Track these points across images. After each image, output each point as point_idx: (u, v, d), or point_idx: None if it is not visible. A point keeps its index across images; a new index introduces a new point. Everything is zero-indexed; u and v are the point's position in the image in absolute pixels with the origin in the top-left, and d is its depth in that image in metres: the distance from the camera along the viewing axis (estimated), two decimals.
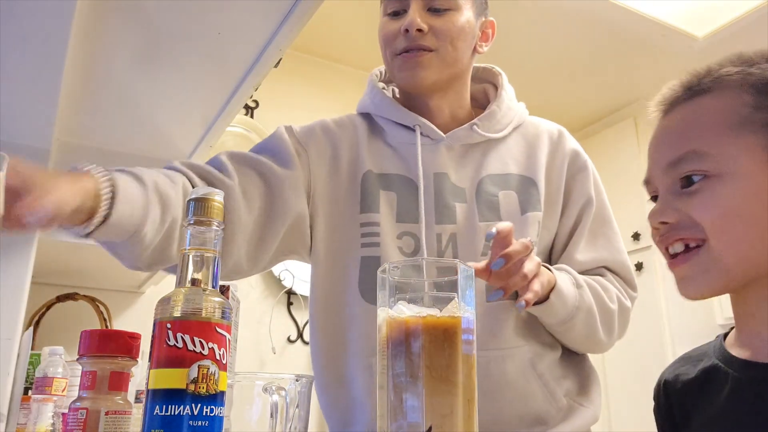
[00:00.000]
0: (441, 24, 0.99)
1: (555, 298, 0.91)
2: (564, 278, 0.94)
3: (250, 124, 2.64)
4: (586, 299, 0.96)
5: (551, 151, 1.06)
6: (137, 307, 2.22)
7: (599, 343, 1.01)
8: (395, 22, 1.01)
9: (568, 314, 0.94)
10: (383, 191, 1.02)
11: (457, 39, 1.00)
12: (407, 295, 0.54)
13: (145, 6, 1.09)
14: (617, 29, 2.54)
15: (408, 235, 0.99)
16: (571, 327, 0.96)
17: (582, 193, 1.05)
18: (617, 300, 1.01)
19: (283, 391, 0.53)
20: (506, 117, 1.07)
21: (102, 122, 1.52)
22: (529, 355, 0.96)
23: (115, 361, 0.67)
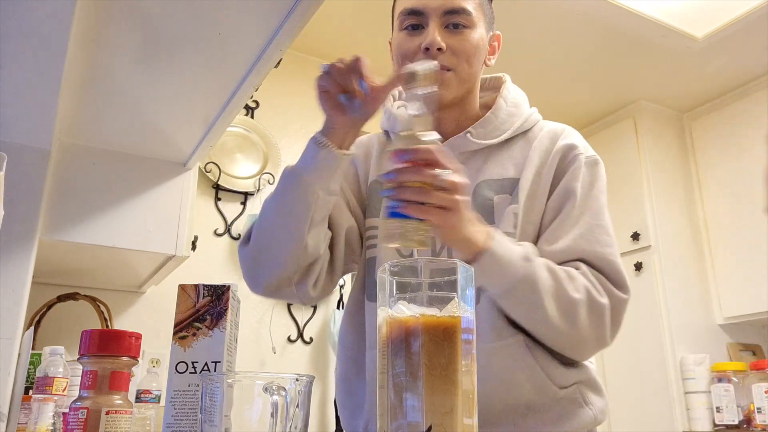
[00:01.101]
0: (458, 43, 1.00)
1: (487, 259, 0.87)
2: (509, 246, 0.90)
3: (250, 124, 2.65)
4: (530, 273, 0.89)
5: (547, 149, 1.05)
6: (138, 306, 2.22)
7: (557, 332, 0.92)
8: (413, 38, 1.02)
9: (508, 284, 0.88)
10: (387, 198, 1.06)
11: (473, 57, 1.02)
12: (407, 295, 0.54)
13: (146, 6, 1.09)
14: (617, 29, 2.54)
15: None
16: (513, 301, 0.91)
17: (564, 186, 1.02)
18: (585, 292, 0.92)
19: (283, 391, 0.53)
20: (505, 123, 1.07)
21: (102, 122, 1.52)
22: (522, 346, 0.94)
23: (115, 361, 0.67)
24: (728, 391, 2.63)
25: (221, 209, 2.51)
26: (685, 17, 2.54)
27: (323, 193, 0.95)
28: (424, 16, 1.02)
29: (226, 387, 0.54)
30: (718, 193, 2.99)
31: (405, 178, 0.79)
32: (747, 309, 2.79)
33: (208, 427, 0.54)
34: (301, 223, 0.95)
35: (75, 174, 1.59)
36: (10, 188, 1.33)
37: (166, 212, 1.68)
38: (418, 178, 0.79)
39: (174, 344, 0.70)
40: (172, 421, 0.67)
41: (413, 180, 0.79)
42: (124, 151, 1.66)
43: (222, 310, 0.71)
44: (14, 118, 1.34)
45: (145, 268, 1.91)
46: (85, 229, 1.57)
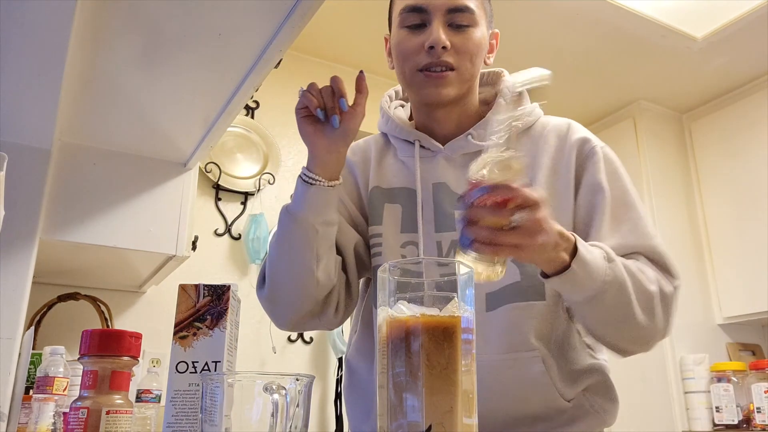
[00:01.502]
0: (461, 42, 0.99)
1: (578, 267, 0.82)
2: (591, 249, 0.86)
3: (250, 124, 2.65)
4: (618, 274, 0.87)
5: (558, 147, 1.03)
6: (138, 306, 2.22)
7: (639, 329, 0.90)
8: (416, 36, 1.01)
9: (597, 288, 0.84)
10: (388, 204, 1.05)
11: (476, 56, 1.01)
12: (407, 295, 0.54)
13: (146, 6, 1.09)
14: (617, 29, 2.54)
15: (412, 244, 1.01)
16: (603, 305, 0.87)
17: (590, 181, 0.99)
18: (657, 282, 0.92)
19: (283, 391, 0.53)
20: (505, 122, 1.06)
21: (102, 122, 1.52)
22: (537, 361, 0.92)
23: (116, 361, 0.67)
24: (728, 391, 2.63)
25: (221, 209, 2.52)
26: (685, 17, 2.54)
27: (323, 227, 0.94)
28: (428, 13, 1.00)
29: (227, 387, 0.55)
30: (718, 193, 2.99)
31: (478, 215, 0.75)
32: (746, 309, 2.79)
33: (208, 427, 0.54)
34: (307, 261, 0.94)
35: (75, 174, 1.59)
36: (10, 188, 1.33)
37: (166, 212, 1.69)
38: (492, 220, 0.75)
39: (174, 344, 0.70)
40: (173, 420, 0.67)
41: (486, 219, 0.75)
42: (124, 151, 1.66)
43: (222, 310, 0.71)
44: (14, 118, 1.34)
45: (145, 268, 1.91)
46: (85, 229, 1.57)
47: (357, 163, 1.13)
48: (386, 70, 1.21)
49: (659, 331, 0.93)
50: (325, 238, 0.95)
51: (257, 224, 2.47)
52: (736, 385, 2.64)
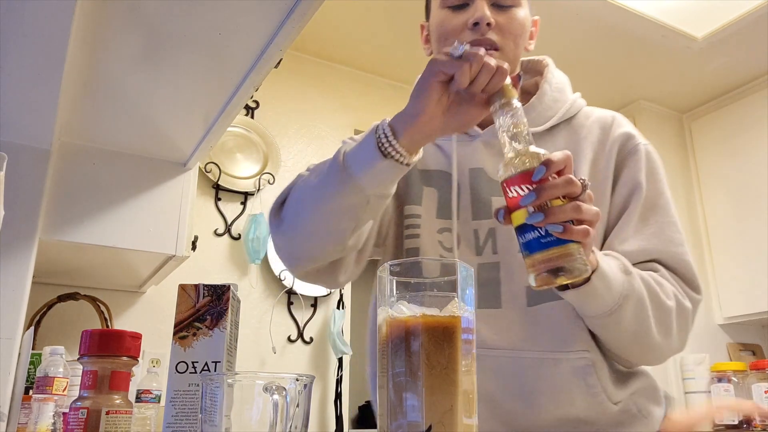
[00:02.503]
0: (506, 21, 0.95)
1: (598, 281, 0.77)
2: (609, 261, 0.82)
3: (250, 124, 2.65)
4: (636, 288, 0.82)
5: (601, 140, 0.98)
6: (138, 306, 2.22)
7: (654, 345, 0.86)
8: (458, 15, 0.96)
9: (614, 303, 0.80)
10: (425, 186, 1.01)
11: (519, 37, 0.97)
12: (407, 295, 0.54)
13: (146, 6, 1.09)
14: (617, 29, 2.54)
15: (448, 231, 0.97)
16: (618, 321, 0.82)
17: (629, 178, 0.95)
18: (674, 297, 0.87)
19: (283, 391, 0.53)
20: (550, 109, 1.01)
21: (102, 122, 1.52)
22: (585, 362, 0.87)
23: (115, 361, 0.67)
24: (728, 391, 2.63)
25: (221, 209, 2.51)
26: (685, 17, 2.54)
27: (376, 200, 0.84)
28: None
29: (226, 387, 0.54)
30: (718, 193, 2.99)
31: (554, 192, 0.68)
32: (746, 309, 2.79)
33: (208, 427, 0.54)
34: (343, 226, 0.86)
35: (75, 174, 1.59)
36: (10, 188, 1.33)
37: (166, 212, 1.69)
38: (569, 189, 0.68)
39: (174, 344, 0.70)
40: (172, 421, 0.67)
41: (559, 193, 0.68)
42: (124, 151, 1.66)
43: (222, 310, 0.71)
44: (14, 118, 1.34)
45: (145, 268, 1.91)
46: (85, 229, 1.57)
47: None
48: (387, 70, 1.21)
49: (673, 349, 0.89)
50: (373, 209, 0.86)
51: (257, 224, 2.47)
52: (737, 385, 2.64)
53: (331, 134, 2.88)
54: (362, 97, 2.96)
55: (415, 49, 3.06)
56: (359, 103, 2.95)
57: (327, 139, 2.86)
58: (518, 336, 0.89)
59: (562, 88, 1.04)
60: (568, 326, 0.88)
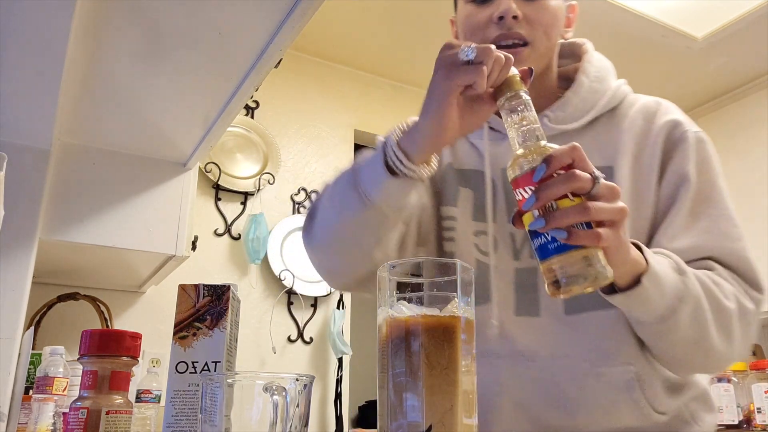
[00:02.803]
0: (534, 12, 0.89)
1: (649, 283, 0.70)
2: (660, 260, 0.74)
3: (250, 124, 2.65)
4: (692, 289, 0.74)
5: (644, 129, 0.91)
6: (138, 306, 2.22)
7: (714, 352, 0.78)
8: (483, 9, 0.90)
9: (668, 307, 0.73)
10: (462, 187, 0.96)
11: (551, 28, 0.90)
12: (407, 295, 0.54)
13: (146, 6, 1.09)
14: (617, 29, 2.54)
15: (484, 234, 0.93)
16: (674, 327, 0.74)
17: (676, 169, 0.87)
18: (734, 298, 0.79)
19: (283, 391, 0.53)
20: (587, 102, 0.93)
21: (102, 122, 1.52)
22: (629, 376, 0.82)
23: (115, 361, 0.67)
24: (728, 391, 2.63)
25: (221, 209, 2.51)
26: (685, 17, 2.54)
27: (395, 213, 0.79)
28: None
29: (226, 387, 0.54)
30: None
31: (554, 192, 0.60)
32: None
33: (208, 427, 0.54)
34: (366, 242, 0.82)
35: (75, 174, 1.59)
36: (10, 188, 1.33)
37: (166, 212, 1.69)
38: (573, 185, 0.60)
39: (174, 344, 0.70)
40: (172, 421, 0.67)
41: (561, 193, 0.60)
42: (124, 151, 1.66)
43: (222, 310, 0.71)
44: (14, 118, 1.34)
45: (145, 268, 1.91)
46: (85, 229, 1.57)
47: None
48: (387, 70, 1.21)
49: (735, 354, 0.81)
50: (393, 222, 0.81)
51: (257, 224, 2.47)
52: (737, 385, 2.64)
53: (331, 134, 2.88)
54: (362, 97, 2.96)
55: (415, 49, 3.08)
56: (359, 103, 2.95)
57: (327, 139, 2.86)
58: (558, 347, 0.85)
59: (603, 77, 0.96)
60: (610, 338, 0.83)
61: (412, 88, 3.07)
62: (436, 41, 0.97)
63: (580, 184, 0.61)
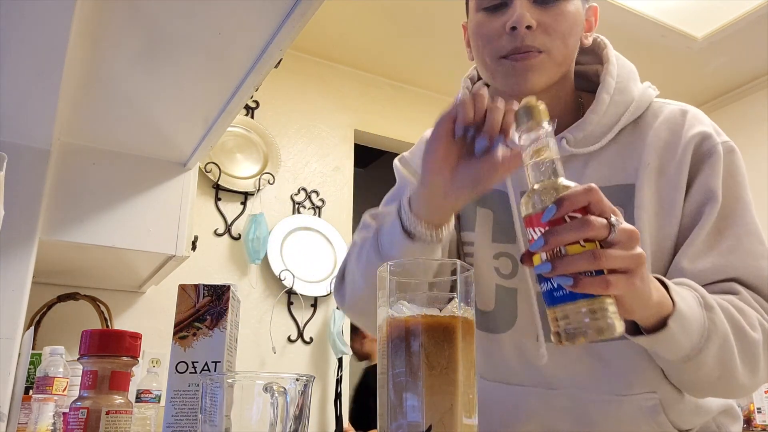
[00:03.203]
0: (551, 19, 0.83)
1: (675, 325, 0.67)
2: (685, 296, 0.70)
3: (250, 124, 2.65)
4: (719, 326, 0.71)
5: (669, 142, 0.85)
6: (138, 306, 2.23)
7: (737, 386, 0.75)
8: (495, 18, 0.84)
9: (695, 347, 0.69)
10: (480, 208, 0.91)
11: (569, 35, 0.84)
12: (407, 295, 0.54)
13: (146, 6, 1.09)
14: (617, 29, 2.54)
15: (505, 256, 0.89)
16: (699, 365, 0.71)
17: (703, 185, 0.82)
18: (759, 326, 0.75)
19: (283, 391, 0.53)
20: (608, 119, 0.87)
21: (102, 122, 1.52)
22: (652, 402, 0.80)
23: (115, 361, 0.67)
24: None
25: (221, 209, 2.52)
26: (685, 17, 2.54)
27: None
28: None
29: (226, 387, 0.54)
30: None
31: (563, 239, 0.57)
32: None
33: (208, 427, 0.54)
34: None
35: (75, 174, 1.59)
36: (10, 188, 1.33)
37: (166, 212, 1.69)
38: (586, 233, 0.56)
39: (174, 344, 0.70)
40: (172, 421, 0.67)
41: (570, 240, 0.56)
42: (124, 151, 1.66)
43: (222, 310, 0.71)
44: (14, 118, 1.34)
45: (145, 268, 1.91)
46: (85, 229, 1.57)
47: None
48: (387, 70, 1.20)
49: (760, 383, 0.78)
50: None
51: (257, 224, 2.47)
52: None
53: (331, 134, 2.88)
54: (362, 97, 2.96)
55: (415, 49, 3.07)
56: (359, 103, 2.95)
57: (327, 139, 2.86)
58: (581, 375, 0.83)
59: (624, 87, 0.89)
60: (633, 367, 0.81)
61: (412, 88, 3.07)
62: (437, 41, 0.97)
63: (593, 233, 0.57)
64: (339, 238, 2.71)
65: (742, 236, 0.80)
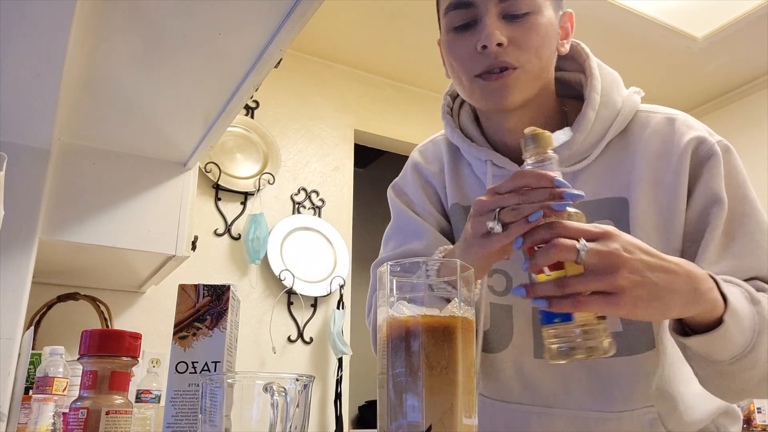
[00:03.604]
0: (522, 34, 0.81)
1: (731, 321, 0.65)
2: (734, 291, 0.69)
3: (250, 124, 2.65)
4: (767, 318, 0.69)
5: (661, 152, 0.83)
6: (138, 306, 2.23)
7: None
8: (466, 37, 0.83)
9: (747, 342, 0.68)
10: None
11: (542, 48, 0.83)
12: (407, 295, 0.54)
13: (145, 6, 1.09)
14: (617, 29, 2.54)
15: (499, 273, 0.88)
16: (752, 363, 0.69)
17: (705, 190, 0.81)
18: None
19: (283, 391, 0.53)
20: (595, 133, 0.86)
21: (102, 122, 1.52)
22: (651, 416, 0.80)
23: (115, 361, 0.67)
24: None
25: (221, 209, 2.51)
26: (685, 17, 2.54)
27: None
28: (475, 7, 0.82)
29: (226, 387, 0.54)
30: None
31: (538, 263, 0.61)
32: None
33: (208, 427, 0.54)
34: None
35: (75, 174, 1.59)
36: (10, 188, 1.33)
37: (166, 212, 1.69)
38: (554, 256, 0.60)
39: (174, 344, 0.70)
40: (172, 421, 0.67)
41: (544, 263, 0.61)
42: (124, 151, 1.66)
43: (222, 310, 0.71)
44: (14, 118, 1.34)
45: (145, 268, 1.91)
46: (85, 229, 1.57)
47: (435, 173, 0.98)
48: (387, 70, 1.20)
49: None
50: None
51: (257, 224, 2.47)
52: None
53: (331, 134, 2.88)
54: (362, 97, 2.96)
55: (415, 49, 3.08)
56: (359, 103, 2.95)
57: (327, 139, 2.86)
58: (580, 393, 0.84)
59: (608, 101, 0.87)
60: (630, 382, 0.81)
61: (412, 88, 3.07)
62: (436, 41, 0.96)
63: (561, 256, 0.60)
64: (339, 238, 2.71)
65: (755, 234, 0.79)
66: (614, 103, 0.87)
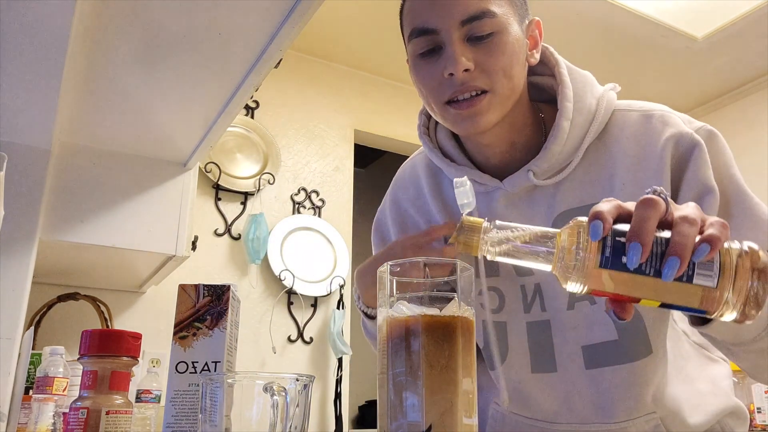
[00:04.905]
0: (488, 56, 0.79)
1: None
2: None
3: (250, 124, 2.65)
4: None
5: (640, 153, 0.82)
6: (138, 306, 2.23)
7: None
8: (431, 64, 0.82)
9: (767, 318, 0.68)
10: None
11: (511, 67, 0.80)
12: (407, 295, 0.54)
13: (146, 6, 1.09)
14: (617, 29, 2.54)
15: (492, 290, 0.88)
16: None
17: (693, 181, 0.79)
18: None
19: (283, 391, 0.53)
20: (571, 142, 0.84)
21: (102, 122, 1.52)
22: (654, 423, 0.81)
23: (115, 361, 0.67)
24: None
25: (221, 209, 2.51)
26: (685, 17, 2.54)
27: None
28: (437, 33, 0.80)
29: (226, 387, 0.54)
30: None
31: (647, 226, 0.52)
32: None
33: (208, 427, 0.54)
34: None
35: (75, 174, 1.59)
36: (10, 188, 1.33)
37: (166, 212, 1.69)
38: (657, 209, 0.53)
39: (174, 344, 0.70)
40: (172, 421, 0.67)
41: (653, 219, 0.53)
42: (124, 151, 1.66)
43: (222, 310, 0.71)
44: (14, 118, 1.34)
45: (145, 268, 1.91)
46: (85, 229, 1.57)
47: (412, 200, 0.98)
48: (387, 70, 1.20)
49: None
50: None
51: (257, 224, 2.47)
52: (737, 385, 2.64)
53: (331, 134, 2.88)
54: (362, 97, 2.96)
55: None
56: (359, 103, 2.95)
57: (327, 139, 2.86)
58: (581, 406, 0.84)
59: (582, 106, 0.85)
60: (631, 391, 0.81)
61: (412, 88, 3.05)
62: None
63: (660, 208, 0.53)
64: (339, 238, 2.71)
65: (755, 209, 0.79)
66: (588, 107, 0.85)
